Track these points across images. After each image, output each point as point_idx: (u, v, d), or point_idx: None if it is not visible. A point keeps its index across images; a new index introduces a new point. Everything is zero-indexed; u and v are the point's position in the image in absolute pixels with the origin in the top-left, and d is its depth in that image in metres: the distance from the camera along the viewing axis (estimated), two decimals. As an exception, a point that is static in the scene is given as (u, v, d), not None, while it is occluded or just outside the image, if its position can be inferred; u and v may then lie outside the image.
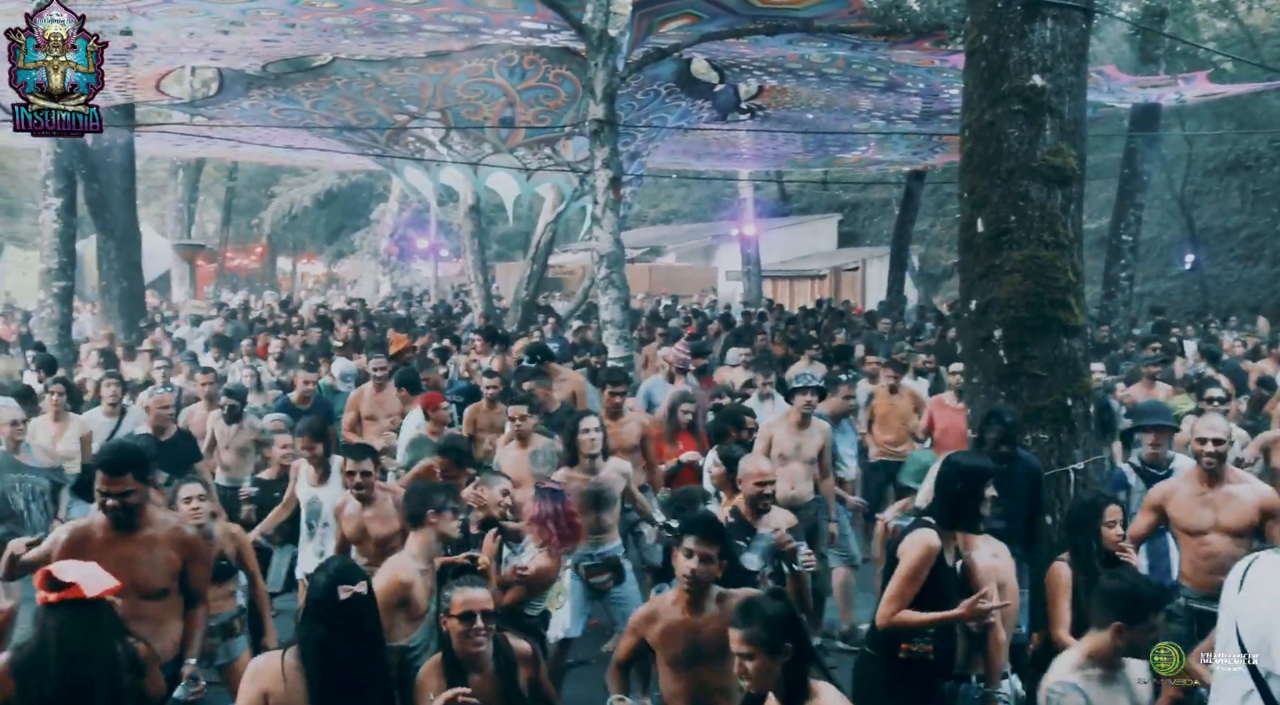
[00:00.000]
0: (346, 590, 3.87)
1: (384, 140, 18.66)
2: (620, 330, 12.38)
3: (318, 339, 15.28)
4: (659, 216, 47.79)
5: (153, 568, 4.68)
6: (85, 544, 4.63)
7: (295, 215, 38.87)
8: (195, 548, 4.88)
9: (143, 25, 13.52)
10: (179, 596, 4.83)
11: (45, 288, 13.65)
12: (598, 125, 12.19)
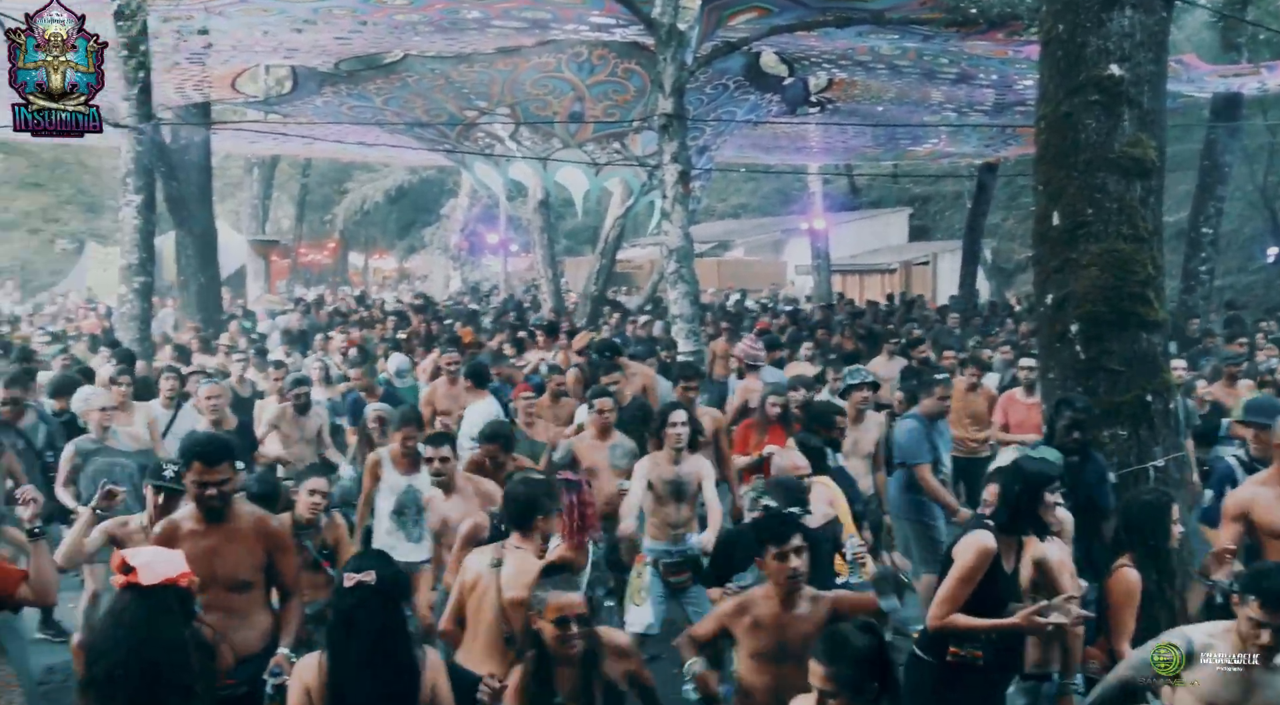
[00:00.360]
0: (351, 578, 3.88)
1: (454, 136, 18.78)
2: (689, 324, 12.36)
3: (393, 333, 15.45)
4: (727, 211, 47.65)
5: (237, 560, 4.72)
6: (174, 536, 4.70)
7: (367, 211, 39.28)
8: (280, 540, 4.91)
9: (219, 24, 13.74)
10: (265, 589, 4.86)
11: (126, 283, 13.86)
12: (666, 119, 12.16)
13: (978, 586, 4.54)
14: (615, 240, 20.51)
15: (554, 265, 21.19)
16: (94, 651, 3.81)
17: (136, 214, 13.55)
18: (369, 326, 17.07)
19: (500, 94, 17.08)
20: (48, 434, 8.01)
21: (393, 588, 3.97)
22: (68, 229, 36.25)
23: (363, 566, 3.92)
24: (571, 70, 16.32)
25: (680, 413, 6.80)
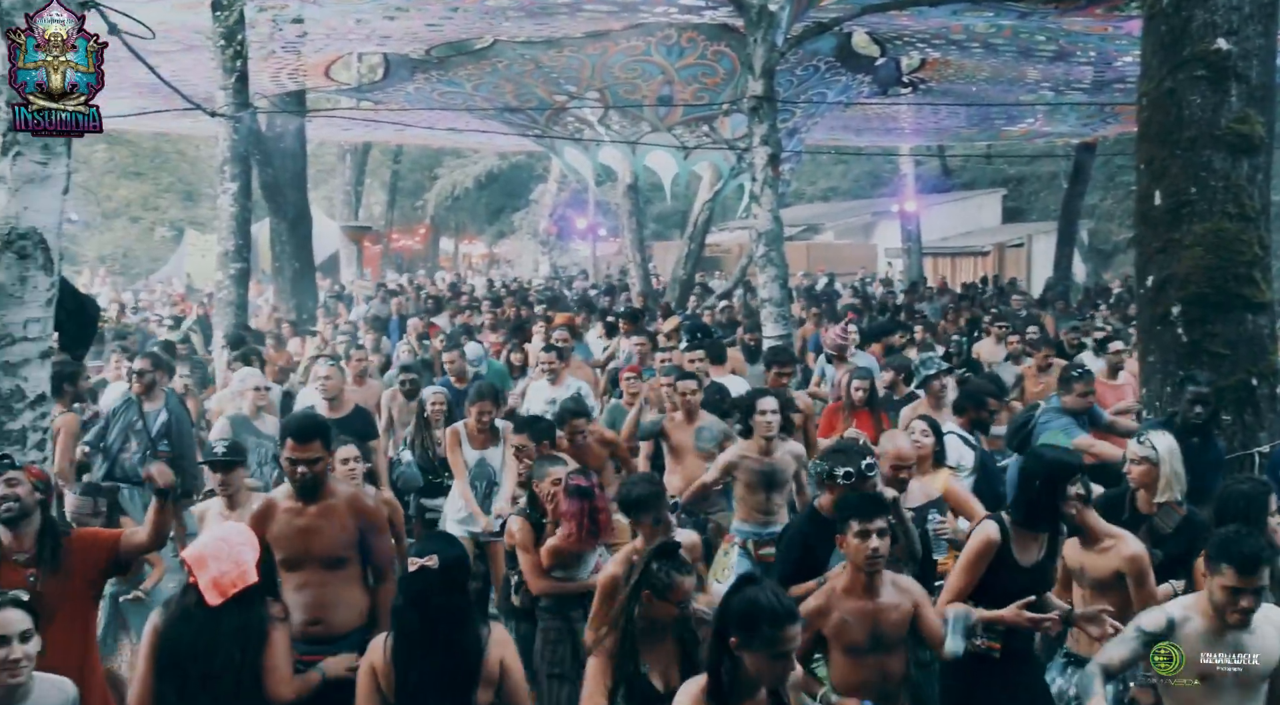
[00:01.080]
0: (415, 562, 3.91)
1: (543, 121, 18.85)
2: (779, 308, 12.26)
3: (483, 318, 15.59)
4: (816, 194, 47.24)
5: (332, 537, 4.78)
6: (271, 514, 4.81)
7: (457, 196, 39.62)
8: (374, 518, 4.95)
9: (313, 13, 13.94)
10: (361, 566, 4.92)
11: (223, 269, 14.17)
12: (756, 102, 12.06)
13: (984, 578, 4.45)
14: (704, 224, 20.45)
15: (642, 250, 21.20)
16: (163, 639, 3.96)
17: (234, 201, 13.84)
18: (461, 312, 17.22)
19: (589, 78, 17.10)
20: (164, 425, 8.08)
21: (456, 570, 4.00)
22: (167, 217, 37.08)
23: (426, 550, 3.96)
24: (661, 53, 16.29)
25: (770, 400, 6.69)
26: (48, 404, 5.78)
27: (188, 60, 15.05)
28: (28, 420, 5.59)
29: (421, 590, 3.87)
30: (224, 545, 4.04)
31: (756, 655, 3.32)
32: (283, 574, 4.74)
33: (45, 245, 5.56)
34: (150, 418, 8.01)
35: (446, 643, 3.88)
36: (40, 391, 5.68)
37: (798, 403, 7.96)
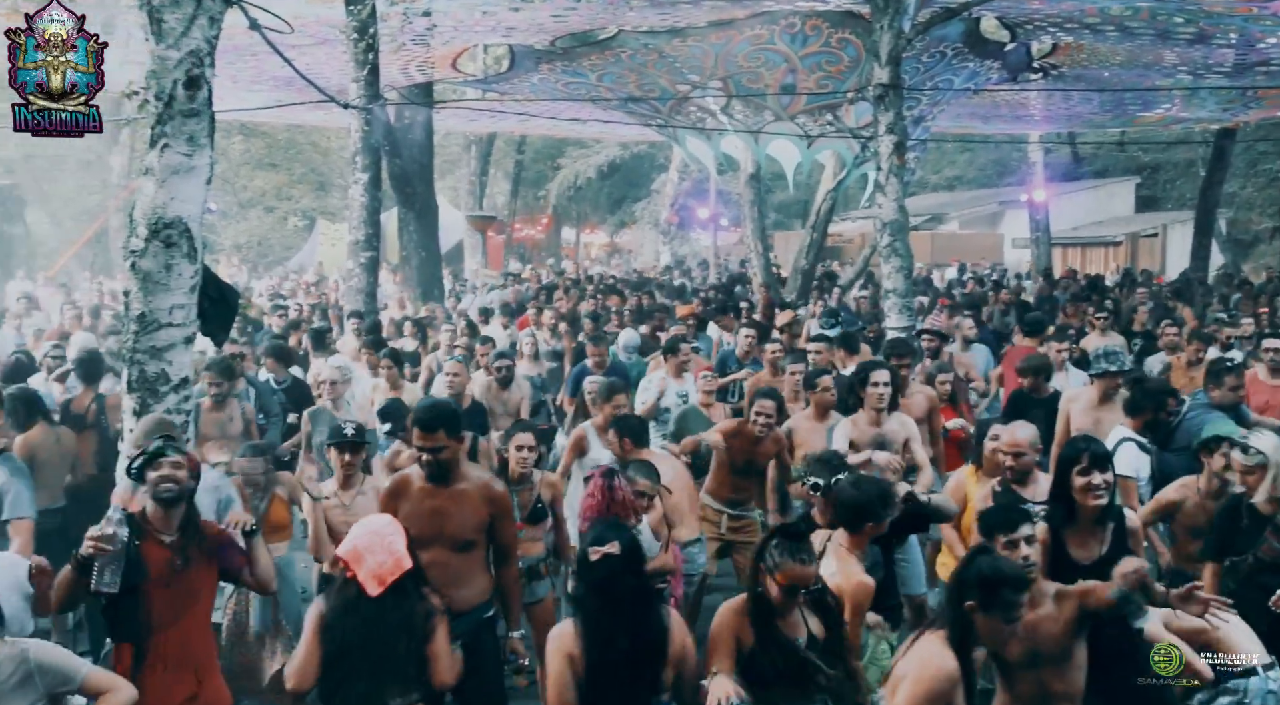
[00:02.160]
0: (596, 552, 3.98)
1: (666, 110, 18.86)
2: (902, 299, 12.12)
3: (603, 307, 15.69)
4: (941, 183, 46.47)
5: (462, 521, 4.91)
6: (403, 493, 4.95)
7: (580, 186, 39.87)
8: (503, 504, 5.06)
9: (442, 6, 14.17)
10: (485, 549, 5.05)
11: (353, 258, 14.51)
12: (882, 89, 11.91)
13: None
14: (827, 214, 20.26)
15: (764, 239, 21.06)
16: (329, 632, 4.10)
17: (364, 191, 14.15)
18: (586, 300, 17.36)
19: (713, 67, 17.06)
20: (255, 400, 8.55)
21: (635, 555, 4.11)
22: (299, 206, 38.04)
23: (605, 538, 4.04)
24: (784, 42, 16.17)
25: (883, 372, 6.78)
26: (190, 387, 6.00)
27: (321, 54, 15.43)
28: (171, 402, 5.80)
29: (607, 576, 3.95)
30: (375, 537, 4.17)
31: (991, 619, 3.64)
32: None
33: (189, 234, 5.76)
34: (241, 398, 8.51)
35: (634, 625, 3.95)
36: (184, 375, 5.88)
37: (923, 395, 7.88)
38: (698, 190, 34.55)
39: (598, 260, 42.14)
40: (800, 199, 34.71)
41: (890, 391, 6.71)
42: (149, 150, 5.74)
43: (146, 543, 4.46)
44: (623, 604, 3.95)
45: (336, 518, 5.96)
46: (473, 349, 10.95)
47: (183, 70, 5.63)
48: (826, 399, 7.36)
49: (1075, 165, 38.11)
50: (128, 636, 4.42)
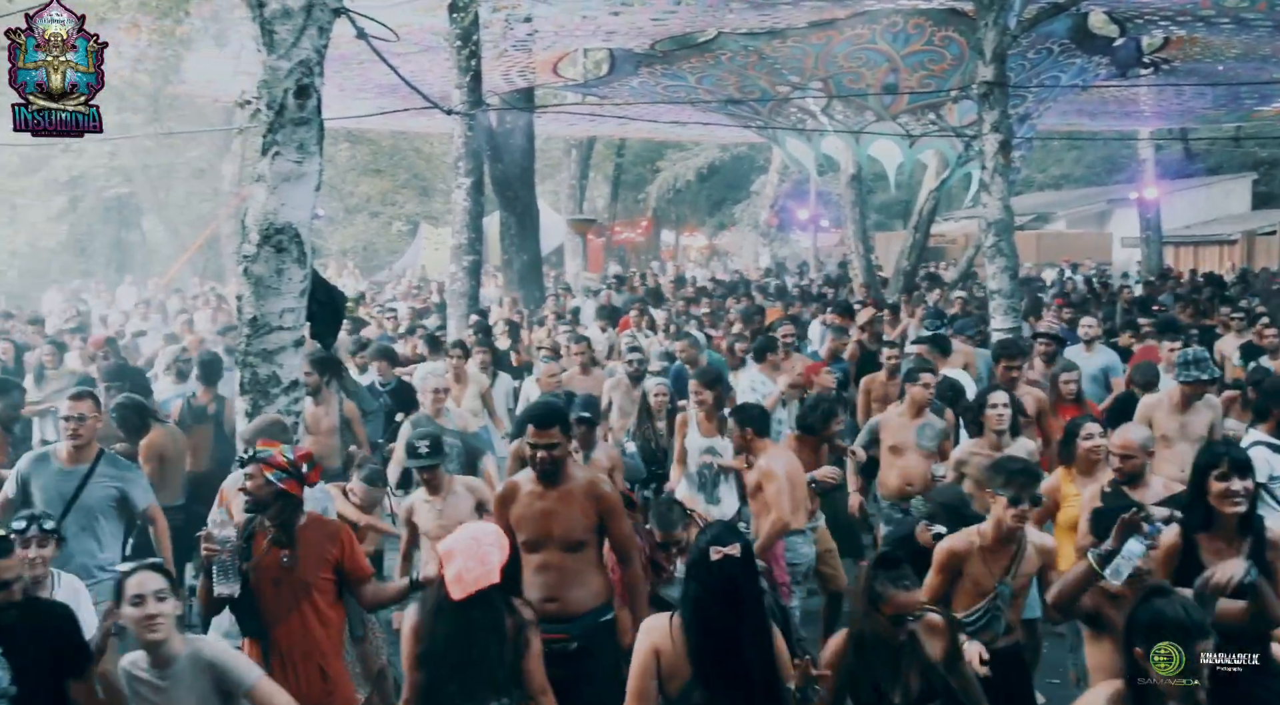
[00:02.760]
0: (718, 552, 3.92)
1: (766, 112, 18.79)
2: (1008, 300, 11.92)
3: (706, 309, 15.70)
4: (1047, 181, 45.56)
5: (571, 521, 4.91)
6: (513, 498, 5.00)
7: (679, 189, 39.89)
8: (611, 503, 5.02)
9: (543, 11, 14.31)
10: (598, 549, 5.05)
11: (456, 261, 14.71)
12: (986, 87, 11.72)
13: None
14: (929, 214, 20.03)
15: (865, 240, 20.88)
16: (423, 633, 4.14)
17: (467, 196, 14.35)
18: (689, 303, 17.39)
19: (813, 68, 16.96)
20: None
21: (752, 557, 4.09)
22: (403, 211, 38.62)
23: (725, 539, 3.98)
24: (886, 41, 16.02)
25: (1000, 394, 6.62)
26: (300, 390, 6.13)
27: (425, 61, 15.68)
28: (282, 404, 5.94)
29: (729, 578, 3.90)
30: (474, 544, 4.18)
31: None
32: (524, 555, 4.88)
33: (299, 239, 5.89)
34: None
35: (749, 628, 3.92)
36: (294, 378, 6.02)
37: (1031, 397, 7.75)
38: (798, 192, 34.34)
39: (697, 263, 42.10)
40: (902, 199, 34.38)
41: (1010, 414, 6.57)
42: (261, 158, 5.89)
43: (257, 540, 4.61)
44: (741, 607, 3.90)
45: (429, 521, 6.01)
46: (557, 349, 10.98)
47: (293, 79, 5.76)
48: (924, 395, 7.26)
49: (1188, 161, 37.07)
50: (253, 632, 4.58)
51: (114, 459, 6.17)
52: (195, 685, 3.88)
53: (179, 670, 3.88)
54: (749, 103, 18.49)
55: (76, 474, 5.94)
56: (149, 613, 3.84)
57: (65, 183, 29.26)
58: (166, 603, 3.87)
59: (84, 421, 5.99)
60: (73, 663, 4.00)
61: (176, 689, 3.87)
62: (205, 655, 3.93)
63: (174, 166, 30.26)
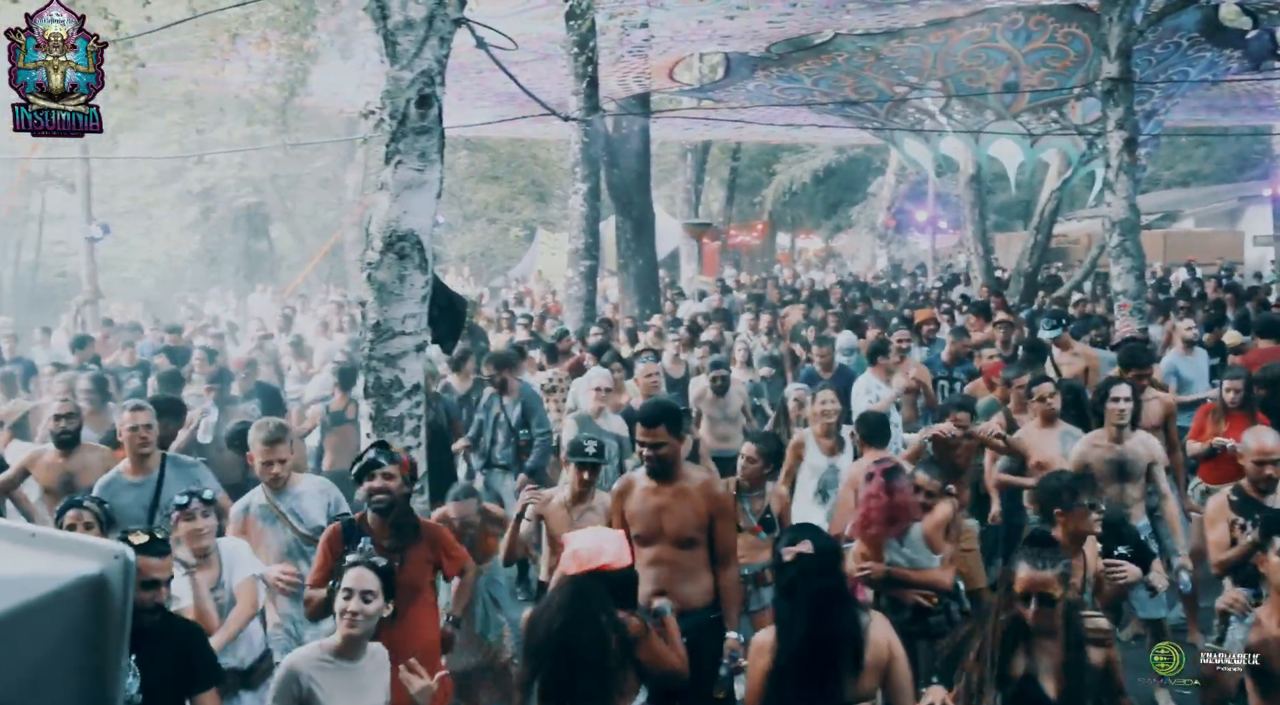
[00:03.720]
0: (789, 552, 3.98)
1: (883, 113, 18.62)
2: (1134, 301, 11.65)
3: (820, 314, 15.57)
4: (1174, 179, 44.19)
5: (684, 518, 5.01)
6: (628, 492, 5.13)
7: (794, 192, 39.67)
8: (723, 503, 5.14)
9: (659, 16, 14.37)
10: (708, 548, 5.11)
11: (572, 266, 14.88)
12: (1111, 84, 11.47)
13: None
14: (1051, 214, 19.63)
15: (985, 242, 20.55)
16: (531, 625, 4.21)
17: (583, 201, 14.50)
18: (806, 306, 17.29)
19: (931, 68, 16.75)
20: (523, 412, 8.79)
21: (830, 556, 4.08)
22: (520, 217, 39.04)
23: (798, 538, 4.05)
24: (1007, 39, 15.74)
25: (1124, 388, 6.50)
26: (421, 393, 6.26)
27: (542, 69, 15.86)
28: (404, 408, 6.07)
29: (798, 576, 3.95)
30: (598, 535, 4.30)
31: None
32: (636, 549, 4.95)
33: (421, 246, 6.01)
34: (508, 409, 8.75)
35: (827, 628, 3.92)
36: (415, 382, 6.15)
37: (1158, 402, 7.56)
38: (915, 193, 33.93)
39: (812, 266, 41.81)
40: (1022, 199, 33.70)
41: (1132, 408, 6.43)
42: (384, 167, 6.03)
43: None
44: (810, 605, 3.91)
45: (560, 529, 6.01)
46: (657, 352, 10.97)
47: (415, 89, 5.89)
48: (1046, 407, 7.07)
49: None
50: None
51: (176, 459, 6.41)
52: (379, 677, 4.07)
53: (364, 663, 4.06)
54: (865, 104, 18.33)
55: (149, 483, 6.16)
56: (353, 610, 4.01)
57: (198, 194, 30.27)
58: (370, 605, 4.01)
59: (150, 429, 6.24)
60: (200, 679, 4.13)
61: (363, 677, 4.05)
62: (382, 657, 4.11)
63: (300, 176, 31.09)
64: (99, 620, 1.53)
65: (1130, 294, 11.63)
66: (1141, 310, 11.79)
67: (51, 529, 1.73)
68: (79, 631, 1.51)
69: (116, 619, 1.54)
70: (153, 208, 30.66)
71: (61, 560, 1.53)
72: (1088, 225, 33.41)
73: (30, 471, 6.80)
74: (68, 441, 6.77)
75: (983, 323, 12.60)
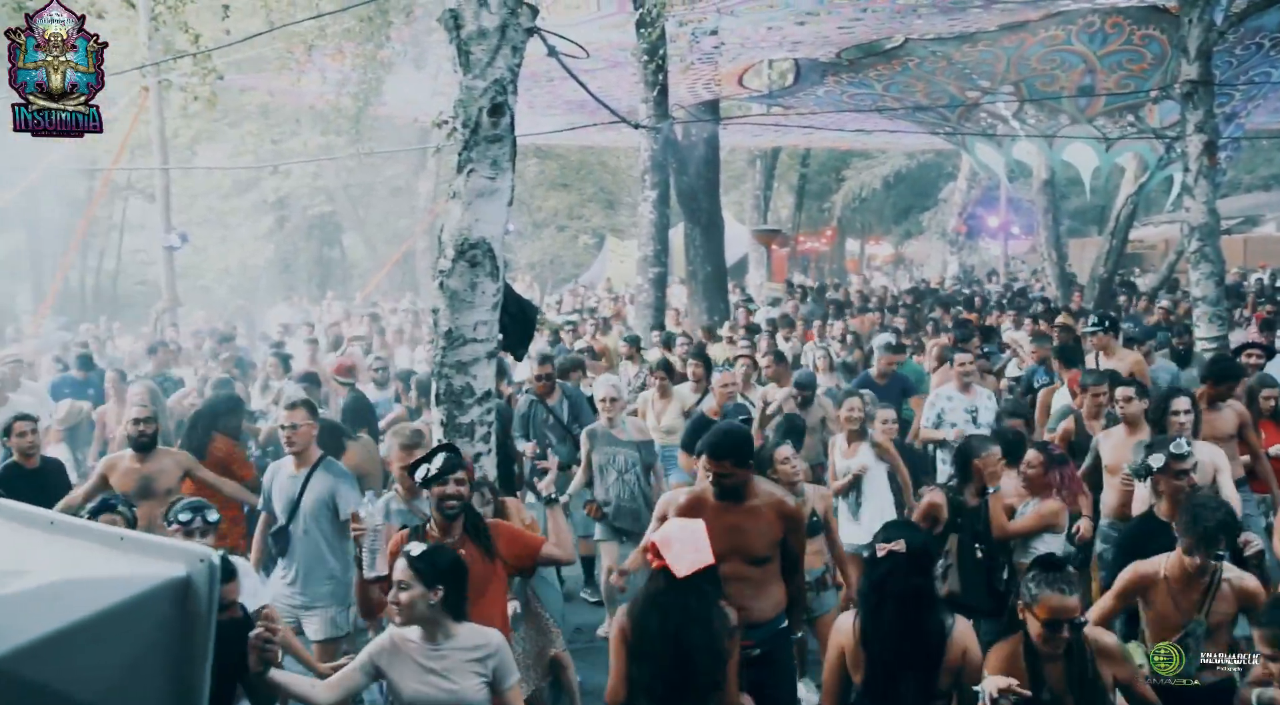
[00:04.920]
0: (882, 548, 4.07)
1: (955, 118, 18.47)
2: (1213, 308, 11.41)
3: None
4: (1255, 183, 43.24)
5: (757, 536, 4.98)
6: (698, 509, 5.03)
7: (864, 198, 39.43)
8: (795, 520, 5.13)
9: (729, 24, 14.35)
10: (779, 562, 5.11)
11: (641, 273, 14.89)
12: (1191, 87, 11.27)
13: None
14: (1127, 219, 19.31)
15: (1059, 247, 20.28)
16: (636, 626, 4.24)
17: (653, 209, 14.51)
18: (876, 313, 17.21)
19: (1004, 72, 16.59)
20: (571, 409, 8.93)
21: (922, 556, 4.15)
22: (590, 225, 39.21)
23: (892, 536, 4.13)
24: (1082, 42, 15.53)
25: (1183, 399, 6.41)
26: (493, 400, 6.30)
27: (612, 77, 15.92)
28: (475, 415, 6.12)
29: (889, 573, 4.03)
30: (687, 529, 4.35)
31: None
32: None
33: (492, 253, 6.06)
34: (556, 409, 8.88)
35: (914, 625, 4.01)
36: (487, 388, 6.18)
37: (1233, 411, 7.39)
38: (987, 198, 33.54)
39: (882, 272, 41.52)
40: (1097, 204, 33.14)
41: (1193, 419, 6.32)
42: (456, 175, 6.08)
43: (427, 540, 4.78)
44: (903, 603, 3.98)
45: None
46: (731, 360, 10.96)
47: (488, 98, 5.94)
48: (1129, 411, 6.96)
49: None
50: None
51: (330, 463, 6.52)
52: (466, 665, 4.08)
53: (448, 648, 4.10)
54: (937, 109, 18.20)
55: (299, 479, 6.34)
56: (390, 600, 4.13)
57: (273, 203, 30.79)
58: (405, 593, 4.06)
59: (297, 429, 6.36)
60: (242, 668, 4.21)
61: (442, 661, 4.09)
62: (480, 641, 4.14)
63: (373, 185, 31.51)
64: (185, 622, 1.56)
65: (1209, 301, 11.41)
66: (1221, 317, 11.56)
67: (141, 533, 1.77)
68: (166, 632, 1.55)
69: (202, 620, 1.58)
70: (229, 217, 31.25)
71: (150, 563, 1.57)
72: (1165, 230, 32.87)
73: (109, 477, 6.95)
74: (145, 445, 6.92)
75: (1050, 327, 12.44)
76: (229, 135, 27.57)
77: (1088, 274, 20.79)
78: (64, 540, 1.66)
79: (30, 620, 1.42)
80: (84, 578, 1.52)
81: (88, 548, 1.63)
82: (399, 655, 4.10)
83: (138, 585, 1.52)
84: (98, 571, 1.54)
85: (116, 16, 11.21)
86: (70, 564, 1.55)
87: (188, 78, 12.23)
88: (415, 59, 16.01)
